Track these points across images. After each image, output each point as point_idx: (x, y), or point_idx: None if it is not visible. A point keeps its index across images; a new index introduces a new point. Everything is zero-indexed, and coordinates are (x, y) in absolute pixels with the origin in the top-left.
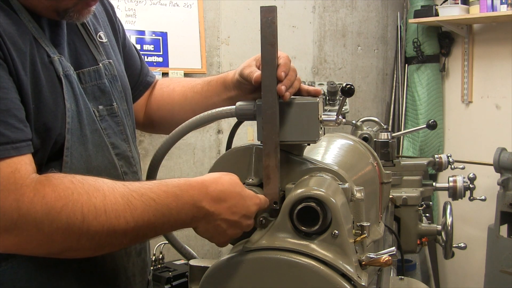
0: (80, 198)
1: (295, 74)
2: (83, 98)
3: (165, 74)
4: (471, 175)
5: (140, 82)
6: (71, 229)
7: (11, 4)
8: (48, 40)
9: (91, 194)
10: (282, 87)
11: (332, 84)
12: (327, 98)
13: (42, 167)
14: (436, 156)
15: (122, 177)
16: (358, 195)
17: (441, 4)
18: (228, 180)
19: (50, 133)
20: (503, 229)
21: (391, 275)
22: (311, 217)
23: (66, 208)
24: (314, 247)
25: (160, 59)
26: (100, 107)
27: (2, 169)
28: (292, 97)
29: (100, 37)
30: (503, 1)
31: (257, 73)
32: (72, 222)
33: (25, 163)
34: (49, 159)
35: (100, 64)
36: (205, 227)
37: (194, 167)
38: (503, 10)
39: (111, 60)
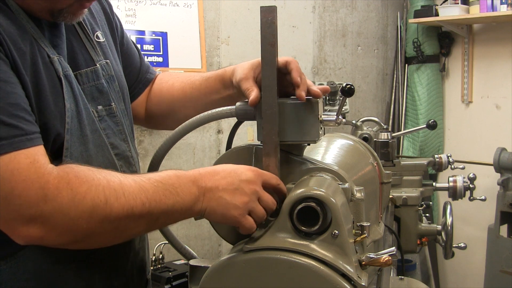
0: (101, 182)
1: (304, 76)
2: (82, 98)
3: None
4: (471, 175)
5: (140, 80)
6: (96, 212)
7: (9, 5)
8: (47, 40)
9: (109, 179)
10: (302, 92)
11: (332, 84)
12: (327, 98)
13: None
14: (436, 156)
15: None
16: (358, 195)
17: (441, 4)
18: (223, 166)
19: (49, 132)
20: (503, 229)
21: (391, 275)
22: (311, 217)
23: (90, 192)
24: (314, 247)
25: (160, 59)
26: (99, 107)
27: (21, 160)
28: (292, 97)
29: (97, 36)
30: (503, 1)
31: (254, 93)
32: (97, 204)
33: (41, 154)
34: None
35: (98, 65)
36: (211, 206)
37: (194, 167)
38: (503, 10)
39: (108, 60)
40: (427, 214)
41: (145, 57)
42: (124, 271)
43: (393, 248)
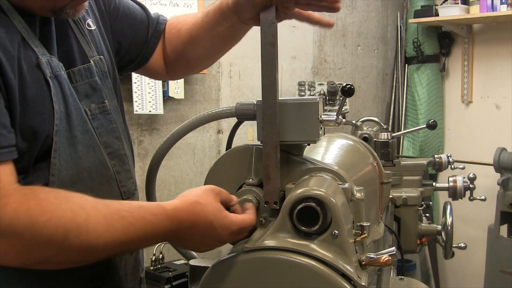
0: (64, 214)
1: None
2: (73, 99)
3: None
4: (471, 175)
5: (152, 34)
6: (52, 244)
7: (0, 4)
8: (37, 40)
9: (75, 212)
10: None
11: (332, 84)
12: (327, 98)
13: (29, 170)
14: (436, 156)
15: (114, 176)
16: (358, 195)
17: (441, 4)
18: (202, 209)
19: (37, 136)
20: (503, 229)
21: (391, 275)
22: (311, 217)
23: (50, 223)
24: (314, 247)
25: None
26: (92, 105)
27: None
28: (292, 97)
29: (88, 24)
30: (503, 1)
31: None
32: (54, 237)
33: (5, 173)
34: (37, 160)
35: (91, 61)
36: (179, 244)
37: (194, 167)
38: (503, 10)
39: (101, 56)
40: (427, 214)
41: None
42: (118, 272)
43: (393, 248)
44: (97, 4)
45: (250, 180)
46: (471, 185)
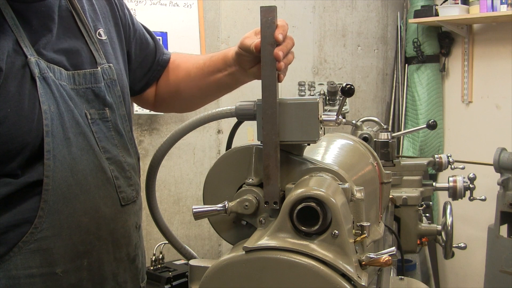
0: None
1: (292, 43)
2: (64, 101)
3: None
4: (471, 175)
5: (158, 61)
6: None
7: None
8: (27, 40)
9: None
10: (279, 52)
11: (332, 84)
12: (327, 98)
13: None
14: (436, 156)
15: (112, 180)
16: (358, 195)
17: (441, 4)
18: None
19: (11, 130)
20: (503, 229)
21: (391, 275)
22: (311, 217)
23: None
24: (314, 247)
25: None
26: (92, 110)
27: None
28: (292, 97)
29: (99, 34)
30: (503, 1)
31: (257, 40)
32: None
33: None
34: (31, 160)
35: (99, 68)
36: None
37: (194, 167)
38: (503, 10)
39: (111, 64)
40: (427, 214)
41: None
42: (115, 278)
43: (393, 248)
44: (113, 17)
45: (250, 180)
46: (471, 185)
